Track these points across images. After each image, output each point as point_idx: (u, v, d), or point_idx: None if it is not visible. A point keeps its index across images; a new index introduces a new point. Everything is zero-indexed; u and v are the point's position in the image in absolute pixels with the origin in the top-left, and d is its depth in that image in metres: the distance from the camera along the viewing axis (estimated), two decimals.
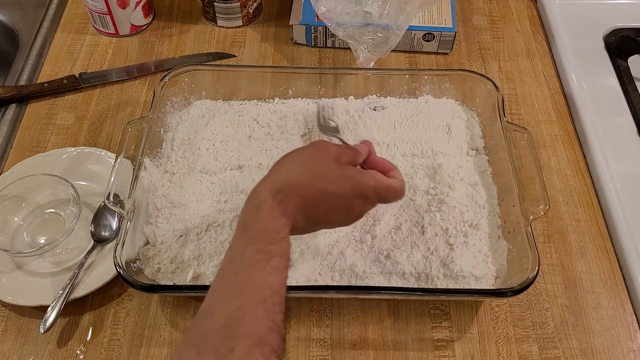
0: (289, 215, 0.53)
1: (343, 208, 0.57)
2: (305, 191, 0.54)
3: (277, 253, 0.50)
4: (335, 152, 0.57)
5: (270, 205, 0.52)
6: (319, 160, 0.57)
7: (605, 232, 0.76)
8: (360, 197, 0.57)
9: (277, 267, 0.49)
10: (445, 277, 0.67)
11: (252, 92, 0.84)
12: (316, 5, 0.87)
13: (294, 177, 0.55)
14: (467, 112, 0.83)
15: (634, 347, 0.67)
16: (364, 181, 0.57)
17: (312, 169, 0.56)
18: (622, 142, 0.83)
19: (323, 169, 0.56)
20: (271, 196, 0.53)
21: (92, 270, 0.69)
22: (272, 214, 0.52)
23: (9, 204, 0.73)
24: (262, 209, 0.52)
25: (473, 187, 0.74)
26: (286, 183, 0.54)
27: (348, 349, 0.66)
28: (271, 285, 0.48)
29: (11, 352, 0.65)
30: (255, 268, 0.49)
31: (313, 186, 0.55)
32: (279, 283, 0.49)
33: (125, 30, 0.96)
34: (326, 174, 0.56)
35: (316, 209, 0.55)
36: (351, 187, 0.56)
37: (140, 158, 0.72)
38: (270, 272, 0.48)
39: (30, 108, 0.88)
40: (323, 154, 0.57)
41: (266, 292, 0.47)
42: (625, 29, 0.96)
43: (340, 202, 0.56)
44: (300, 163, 0.57)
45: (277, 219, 0.52)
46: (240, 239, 0.52)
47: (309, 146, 0.59)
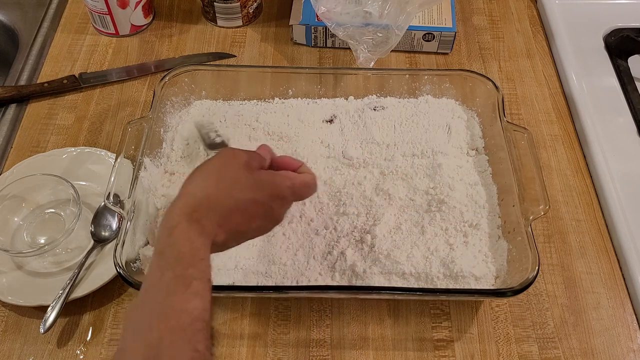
0: (208, 233, 0.51)
1: (262, 214, 0.55)
2: (222, 204, 0.53)
3: (196, 276, 0.47)
4: (245, 159, 0.56)
5: (185, 227, 0.50)
6: (230, 169, 0.55)
7: (605, 232, 0.76)
8: (277, 198, 0.56)
9: (196, 292, 0.46)
10: (445, 277, 0.67)
11: (252, 92, 0.84)
12: (316, 5, 0.87)
13: (207, 193, 0.53)
14: (467, 112, 0.83)
15: (634, 347, 0.67)
16: (280, 182, 0.57)
17: (224, 180, 0.54)
18: (622, 142, 0.83)
19: (236, 178, 0.55)
20: (186, 217, 0.50)
21: (92, 270, 0.69)
22: (187, 236, 0.49)
23: (9, 204, 0.73)
24: (175, 233, 0.49)
25: (473, 187, 0.74)
26: (200, 200, 0.52)
27: (348, 349, 0.66)
28: (190, 312, 0.45)
29: (11, 352, 0.65)
30: (173, 295, 0.46)
31: (228, 198, 0.53)
32: (200, 308, 0.46)
33: (125, 30, 0.96)
34: (240, 183, 0.54)
35: (235, 220, 0.53)
36: (268, 191, 0.55)
37: (140, 158, 0.72)
38: (188, 297, 0.46)
39: (30, 108, 0.88)
40: (233, 163, 0.56)
41: (185, 320, 0.45)
42: (625, 29, 0.96)
43: (258, 208, 0.55)
44: (212, 176, 0.54)
45: (192, 241, 0.49)
46: (155, 267, 0.49)
47: (217, 157, 0.57)
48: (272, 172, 0.58)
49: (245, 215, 0.54)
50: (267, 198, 0.55)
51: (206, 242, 0.50)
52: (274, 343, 0.67)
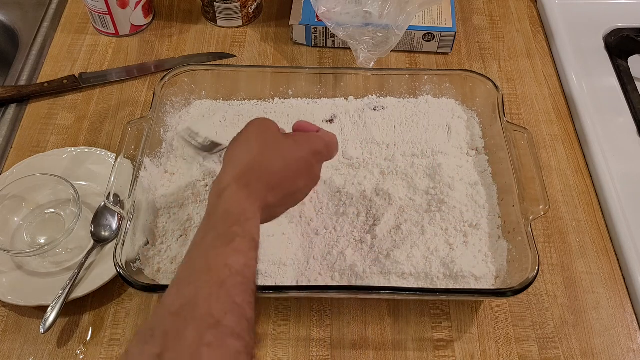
0: (257, 195, 0.52)
1: (305, 170, 0.58)
2: (268, 166, 0.55)
3: (239, 234, 0.48)
4: (275, 125, 0.59)
5: (235, 189, 0.51)
6: (267, 134, 0.58)
7: (605, 232, 0.76)
8: (315, 153, 0.59)
9: (238, 248, 0.47)
10: (445, 277, 0.67)
11: (252, 92, 0.84)
12: (316, 5, 0.87)
13: (253, 158, 0.55)
14: (467, 112, 0.83)
15: (634, 347, 0.67)
16: (314, 138, 0.60)
17: (266, 144, 0.57)
18: (622, 142, 0.83)
19: (275, 140, 0.57)
20: (236, 181, 0.52)
21: (92, 270, 0.69)
22: (236, 198, 0.51)
23: (9, 204, 0.73)
24: (224, 195, 0.51)
25: (473, 187, 0.74)
26: (247, 165, 0.54)
27: (348, 349, 0.66)
28: (231, 266, 0.45)
29: (11, 352, 0.65)
30: (214, 251, 0.47)
31: (273, 159, 0.55)
32: (241, 263, 0.46)
33: (125, 30, 0.96)
34: (281, 144, 0.57)
35: (282, 180, 0.55)
36: (306, 147, 0.58)
37: (140, 158, 0.72)
38: (230, 253, 0.46)
39: (30, 108, 0.88)
40: (267, 129, 0.59)
41: (224, 272, 0.45)
42: (625, 29, 0.96)
43: (301, 164, 0.57)
44: (253, 143, 0.57)
45: (241, 202, 0.51)
46: (201, 228, 0.50)
47: (249, 126, 0.59)
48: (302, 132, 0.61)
49: (291, 175, 0.56)
50: (307, 153, 0.58)
51: (254, 205, 0.51)
52: (274, 343, 0.66)
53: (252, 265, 0.47)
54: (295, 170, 0.57)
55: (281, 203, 0.56)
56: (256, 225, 0.51)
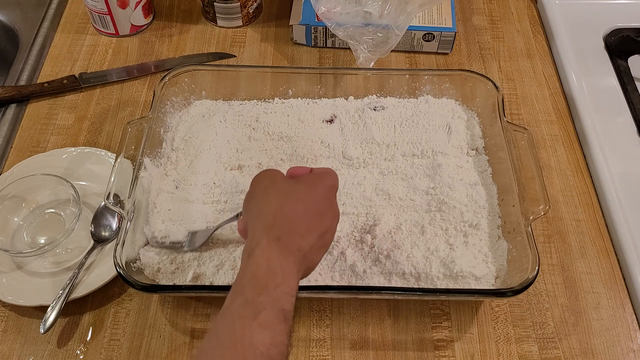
0: (291, 248, 0.50)
1: (326, 207, 0.56)
2: (293, 213, 0.53)
3: (267, 305, 0.45)
4: (280, 173, 0.58)
5: (265, 245, 0.49)
6: (277, 184, 0.56)
7: (605, 232, 0.76)
8: (329, 188, 0.58)
9: (265, 323, 0.44)
10: (445, 277, 0.67)
11: (252, 92, 0.84)
12: (316, 5, 0.87)
13: (274, 209, 0.53)
14: (467, 112, 0.83)
15: (634, 347, 0.67)
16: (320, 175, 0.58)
17: (281, 193, 0.55)
18: (622, 142, 0.83)
19: (288, 188, 0.56)
20: (265, 235, 0.50)
21: (92, 270, 0.69)
22: (266, 257, 0.48)
23: (9, 204, 0.73)
24: (254, 254, 0.48)
25: (473, 187, 0.74)
26: (272, 216, 0.52)
27: (348, 349, 0.66)
28: (256, 347, 0.43)
29: (11, 352, 0.65)
30: (239, 325, 0.44)
31: (295, 204, 0.53)
32: (267, 343, 0.43)
33: (125, 30, 0.96)
34: (295, 189, 0.56)
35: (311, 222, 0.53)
36: (319, 185, 0.57)
37: (140, 158, 0.72)
38: (256, 329, 0.43)
39: (30, 108, 0.88)
40: (276, 178, 0.57)
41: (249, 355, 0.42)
42: (625, 29, 0.96)
43: (321, 203, 0.56)
44: (269, 195, 0.55)
45: (271, 263, 0.48)
46: (231, 292, 0.48)
47: (258, 181, 0.58)
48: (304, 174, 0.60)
49: (317, 215, 0.54)
50: (323, 191, 0.56)
51: (287, 263, 0.49)
52: None
53: (279, 342, 0.44)
54: (319, 209, 0.55)
55: (316, 247, 0.54)
56: (287, 292, 0.47)
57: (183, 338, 0.67)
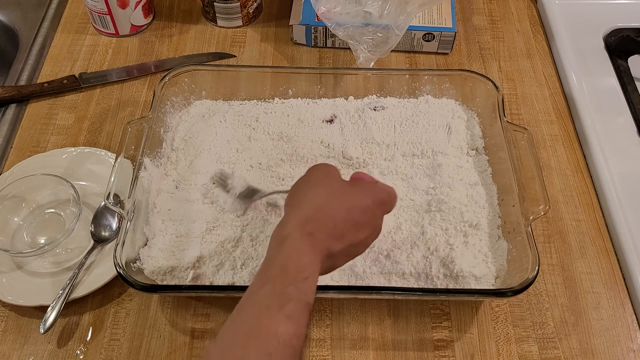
0: (320, 246, 0.50)
1: (368, 221, 0.55)
2: (334, 214, 0.52)
3: (294, 297, 0.46)
4: (337, 171, 0.57)
5: (297, 238, 0.49)
6: (331, 180, 0.56)
7: (605, 232, 0.76)
8: (380, 204, 0.56)
9: (290, 315, 0.45)
10: (445, 277, 0.67)
11: (252, 92, 0.84)
12: (316, 5, 0.87)
13: (318, 204, 0.52)
14: (467, 112, 0.83)
15: (634, 347, 0.67)
16: (377, 188, 0.57)
17: (330, 190, 0.54)
18: (622, 142, 0.83)
19: (339, 187, 0.55)
20: (299, 227, 0.50)
21: (92, 270, 0.69)
22: (297, 249, 0.48)
23: (9, 204, 0.73)
24: (286, 244, 0.49)
25: (473, 187, 0.74)
26: (313, 210, 0.52)
27: (348, 349, 0.66)
28: (280, 336, 0.43)
29: (11, 352, 0.65)
30: (265, 314, 0.45)
31: (339, 206, 0.53)
32: (291, 333, 0.44)
33: (125, 30, 0.96)
34: (346, 192, 0.55)
35: (347, 230, 0.52)
36: (372, 197, 0.55)
37: (140, 158, 0.72)
38: (281, 320, 0.44)
39: (30, 108, 0.88)
40: (332, 175, 0.56)
41: (272, 344, 0.43)
42: (625, 29, 0.96)
43: (366, 215, 0.54)
44: (319, 188, 0.54)
45: (301, 256, 0.48)
46: (258, 276, 0.48)
47: (314, 171, 0.57)
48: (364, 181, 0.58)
49: (356, 224, 0.53)
50: (372, 203, 0.55)
51: (315, 259, 0.49)
52: None
53: (301, 334, 0.45)
54: (360, 219, 0.54)
55: (344, 254, 0.54)
56: (312, 286, 0.48)
57: (183, 338, 0.67)
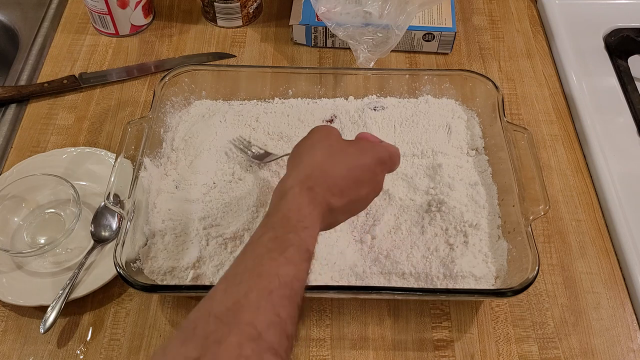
0: (320, 200, 0.52)
1: (368, 179, 0.57)
2: (333, 172, 0.54)
3: (294, 243, 0.48)
4: (338, 132, 0.59)
5: (297, 192, 0.51)
6: (331, 140, 0.58)
7: (605, 232, 0.76)
8: (380, 162, 0.58)
9: (291, 258, 0.47)
10: (445, 277, 0.67)
11: (252, 92, 0.84)
12: (316, 5, 0.87)
13: (316, 161, 0.55)
14: (467, 112, 0.83)
15: (634, 347, 0.67)
16: (379, 147, 0.59)
17: (329, 149, 0.56)
18: (622, 142, 0.83)
19: (339, 147, 0.57)
20: (299, 183, 0.52)
21: (92, 270, 0.69)
22: (297, 202, 0.51)
23: (9, 204, 0.73)
24: (287, 197, 0.51)
25: (473, 187, 0.74)
26: (312, 168, 0.54)
27: (348, 349, 0.66)
28: (281, 277, 0.45)
29: (11, 352, 0.65)
30: (267, 257, 0.47)
31: (339, 165, 0.55)
32: (291, 275, 0.46)
33: (125, 30, 0.96)
34: (346, 151, 0.57)
35: (346, 187, 0.54)
36: (372, 155, 0.57)
37: (140, 158, 0.72)
38: (282, 262, 0.46)
39: (30, 108, 0.88)
40: (331, 135, 0.58)
41: (274, 282, 0.45)
42: (625, 29, 0.96)
43: (365, 173, 0.56)
44: (317, 148, 0.56)
45: (301, 208, 0.50)
46: (260, 226, 0.51)
47: (314, 132, 0.59)
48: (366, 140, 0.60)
49: (355, 181, 0.55)
50: (372, 161, 0.57)
51: (315, 211, 0.51)
52: None
53: (301, 277, 0.47)
54: (360, 177, 0.56)
55: (344, 209, 0.55)
56: (312, 235, 0.50)
57: None
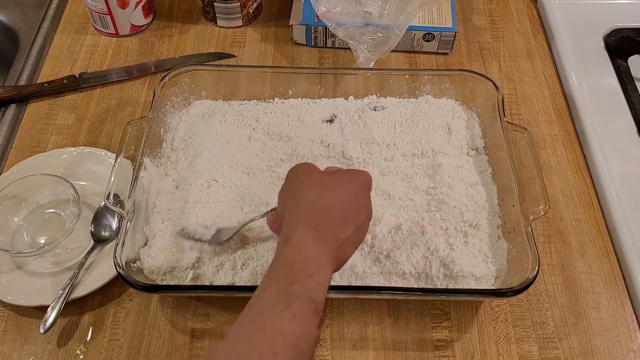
0: (327, 237, 0.50)
1: (362, 202, 0.56)
2: (332, 201, 0.53)
3: (299, 295, 0.45)
4: (315, 166, 0.58)
5: (302, 232, 0.49)
6: (314, 175, 0.57)
7: (605, 232, 0.76)
8: (365, 186, 0.58)
9: (296, 314, 0.44)
10: (445, 277, 0.67)
11: (252, 92, 0.84)
12: (316, 5, 0.87)
13: (313, 197, 0.53)
14: (467, 112, 0.83)
15: (634, 347, 0.67)
16: (355, 172, 0.59)
17: (318, 183, 0.55)
18: (622, 142, 0.83)
19: (326, 179, 0.56)
20: (302, 222, 0.50)
21: (92, 270, 0.69)
22: (302, 243, 0.48)
23: (9, 204, 0.73)
24: (291, 240, 0.48)
25: (473, 187, 0.74)
26: (311, 205, 0.52)
27: (348, 349, 0.66)
28: (286, 335, 0.43)
29: (11, 352, 0.65)
30: (270, 312, 0.44)
31: (334, 194, 0.54)
32: (297, 334, 0.43)
33: (125, 30, 0.96)
34: (332, 182, 0.56)
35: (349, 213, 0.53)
36: (357, 180, 0.57)
37: (140, 158, 0.72)
38: (286, 318, 0.43)
39: (30, 108, 0.88)
40: (311, 171, 0.57)
41: (279, 342, 0.42)
42: (625, 29, 0.96)
43: (358, 198, 0.56)
44: (306, 186, 0.55)
45: (306, 250, 0.48)
46: (265, 276, 0.48)
47: (293, 173, 0.58)
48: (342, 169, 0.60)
49: (354, 208, 0.54)
50: (360, 186, 0.56)
51: (321, 252, 0.49)
52: None
53: (308, 334, 0.44)
54: (355, 203, 0.55)
55: (351, 240, 0.53)
56: (320, 283, 0.47)
57: (183, 338, 0.67)
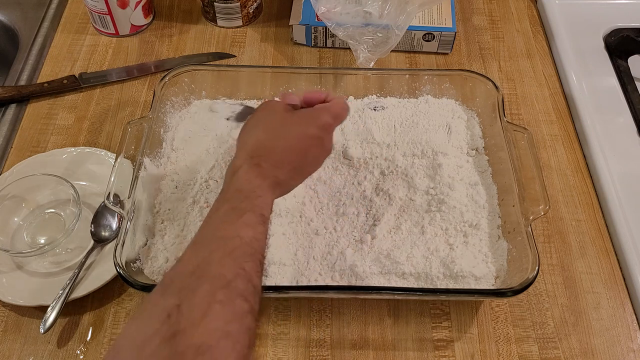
0: (267, 174, 0.56)
1: (314, 144, 0.60)
2: (276, 146, 0.58)
3: (249, 209, 0.53)
4: (282, 105, 0.62)
5: (246, 169, 0.56)
6: (273, 116, 0.61)
7: (605, 232, 0.76)
8: (322, 127, 0.61)
9: (248, 222, 0.51)
10: (445, 277, 0.67)
11: (252, 92, 0.84)
12: (316, 5, 0.87)
13: (260, 139, 0.59)
14: (467, 112, 0.83)
15: (634, 347, 0.67)
16: (318, 112, 0.62)
17: (272, 125, 0.60)
18: (622, 142, 0.83)
19: (282, 120, 0.61)
20: (247, 161, 0.57)
21: (92, 270, 0.69)
22: (247, 177, 0.56)
23: (9, 204, 0.73)
24: (237, 174, 0.56)
25: (473, 187, 0.74)
26: (256, 146, 0.58)
27: (348, 349, 0.66)
28: (242, 237, 0.50)
29: (11, 352, 0.65)
30: (226, 223, 0.52)
31: (280, 139, 0.59)
32: (250, 236, 0.50)
33: (125, 30, 0.96)
34: (287, 123, 0.60)
35: (291, 157, 0.59)
36: (313, 122, 0.60)
37: (140, 158, 0.72)
38: (241, 226, 0.51)
39: (30, 108, 0.88)
40: (274, 111, 0.62)
41: (236, 242, 0.49)
42: (625, 29, 0.96)
43: (309, 140, 0.60)
44: (260, 126, 0.61)
45: (251, 181, 0.55)
46: (215, 202, 0.55)
47: (258, 110, 0.64)
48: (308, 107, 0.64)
49: (300, 151, 0.59)
50: (315, 128, 0.60)
51: (264, 183, 0.56)
52: (274, 343, 0.67)
53: (260, 238, 0.52)
54: (300, 146, 0.60)
55: (291, 177, 0.60)
56: (266, 202, 0.55)
57: None
